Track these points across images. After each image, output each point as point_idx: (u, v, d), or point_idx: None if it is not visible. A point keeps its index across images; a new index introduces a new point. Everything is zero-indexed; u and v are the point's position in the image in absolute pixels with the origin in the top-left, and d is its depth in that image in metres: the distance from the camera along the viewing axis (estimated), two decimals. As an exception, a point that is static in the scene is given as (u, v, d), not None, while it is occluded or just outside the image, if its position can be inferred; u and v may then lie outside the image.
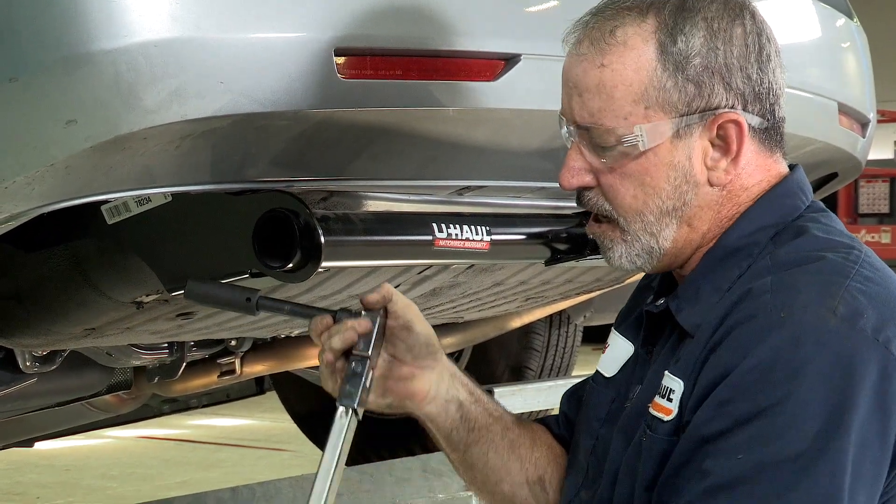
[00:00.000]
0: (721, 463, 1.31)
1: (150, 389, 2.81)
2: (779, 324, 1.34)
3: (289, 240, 1.76)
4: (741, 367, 1.33)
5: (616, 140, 1.44)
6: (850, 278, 1.38)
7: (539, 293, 2.48)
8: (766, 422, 1.31)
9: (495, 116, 1.84)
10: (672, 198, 1.46)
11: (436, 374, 1.62)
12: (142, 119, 1.61)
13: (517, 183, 2.02)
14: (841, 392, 1.31)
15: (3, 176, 1.67)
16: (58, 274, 1.99)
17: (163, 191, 1.77)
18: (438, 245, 1.95)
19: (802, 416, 1.30)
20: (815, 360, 1.32)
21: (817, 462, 1.29)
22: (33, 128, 1.64)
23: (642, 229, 1.47)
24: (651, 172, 1.45)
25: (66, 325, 2.10)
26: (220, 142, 1.71)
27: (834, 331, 1.33)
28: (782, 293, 1.37)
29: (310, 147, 1.78)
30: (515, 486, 1.68)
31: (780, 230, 1.48)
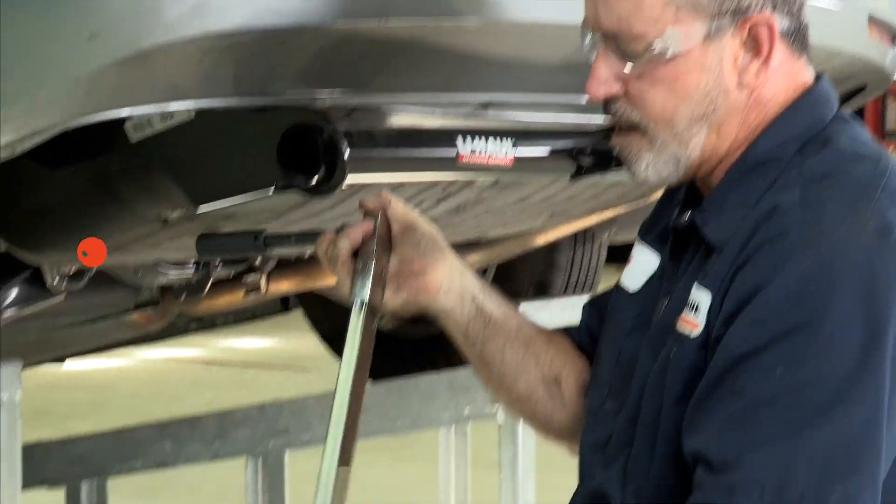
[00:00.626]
0: (757, 380, 1.31)
1: (177, 308, 2.82)
2: (809, 242, 1.33)
3: (313, 155, 1.76)
4: (774, 285, 1.32)
5: (646, 45, 1.41)
6: (879, 190, 1.37)
7: (564, 209, 2.47)
8: (802, 339, 1.30)
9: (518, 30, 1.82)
10: (703, 103, 1.44)
11: (447, 268, 1.62)
12: (164, 33, 1.61)
13: (541, 97, 2.00)
14: (875, 307, 1.30)
15: (25, 90, 1.68)
16: (83, 190, 2.00)
17: (186, 106, 1.77)
18: (462, 160, 1.95)
19: (839, 333, 1.29)
20: (848, 277, 1.31)
21: (858, 379, 1.28)
22: (56, 42, 1.65)
23: (671, 137, 1.44)
24: (682, 78, 1.43)
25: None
26: (243, 56, 1.70)
27: (865, 246, 1.32)
28: (811, 209, 1.35)
29: (333, 61, 1.77)
30: (532, 383, 1.68)
31: (806, 141, 1.45)
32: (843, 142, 1.44)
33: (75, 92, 1.68)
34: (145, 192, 1.94)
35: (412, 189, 2.13)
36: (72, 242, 2.13)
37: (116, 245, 2.15)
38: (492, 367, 1.69)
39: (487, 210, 2.33)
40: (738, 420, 1.31)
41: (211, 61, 1.68)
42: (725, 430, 1.32)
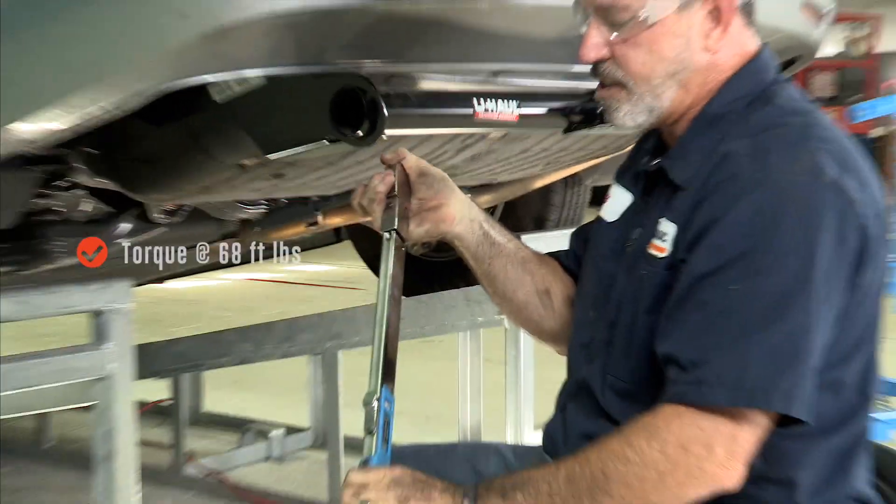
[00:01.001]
0: (716, 295, 1.28)
1: (253, 238, 2.81)
2: (756, 182, 1.30)
3: (358, 112, 1.74)
4: (728, 218, 1.30)
5: (631, 14, 1.39)
6: (810, 139, 1.35)
7: (558, 158, 2.46)
8: (751, 261, 1.28)
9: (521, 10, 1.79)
10: (674, 63, 1.42)
11: (457, 202, 1.63)
12: (240, 13, 1.59)
13: (540, 66, 1.98)
14: (809, 234, 1.28)
15: (130, 59, 1.67)
16: (179, 142, 1.97)
17: (258, 73, 1.74)
18: (478, 117, 1.93)
19: (781, 255, 1.27)
20: (789, 209, 1.29)
21: (796, 291, 1.26)
22: (154, 20, 1.63)
23: (648, 90, 1.42)
24: (658, 41, 1.40)
25: (186, 183, 2.09)
26: (302, 31, 1.67)
27: (802, 184, 1.30)
28: (757, 155, 1.33)
29: (374, 36, 1.74)
30: (528, 294, 1.67)
31: (753, 99, 1.43)
32: (782, 100, 1.43)
33: (170, 61, 1.67)
34: (226, 143, 1.92)
35: (438, 141, 2.11)
36: (170, 185, 2.12)
37: (205, 187, 2.13)
38: (496, 281, 1.68)
39: (497, 159, 2.31)
40: (702, 328, 1.29)
41: (277, 35, 1.66)
42: (692, 336, 1.30)
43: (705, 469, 1.26)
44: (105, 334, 2.12)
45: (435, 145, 2.11)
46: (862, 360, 1.39)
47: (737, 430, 1.27)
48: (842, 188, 1.31)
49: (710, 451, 1.26)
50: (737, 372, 1.26)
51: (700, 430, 1.27)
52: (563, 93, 2.05)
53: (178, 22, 1.60)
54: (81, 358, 2.11)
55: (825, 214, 1.29)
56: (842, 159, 1.34)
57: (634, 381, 1.43)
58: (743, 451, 1.28)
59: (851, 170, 1.34)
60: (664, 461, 1.27)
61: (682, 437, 1.27)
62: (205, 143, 1.94)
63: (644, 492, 1.28)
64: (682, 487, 1.28)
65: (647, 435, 1.28)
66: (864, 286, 1.34)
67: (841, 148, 1.36)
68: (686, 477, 1.27)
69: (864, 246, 1.32)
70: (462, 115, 1.94)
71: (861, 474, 1.44)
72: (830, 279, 1.29)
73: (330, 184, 2.28)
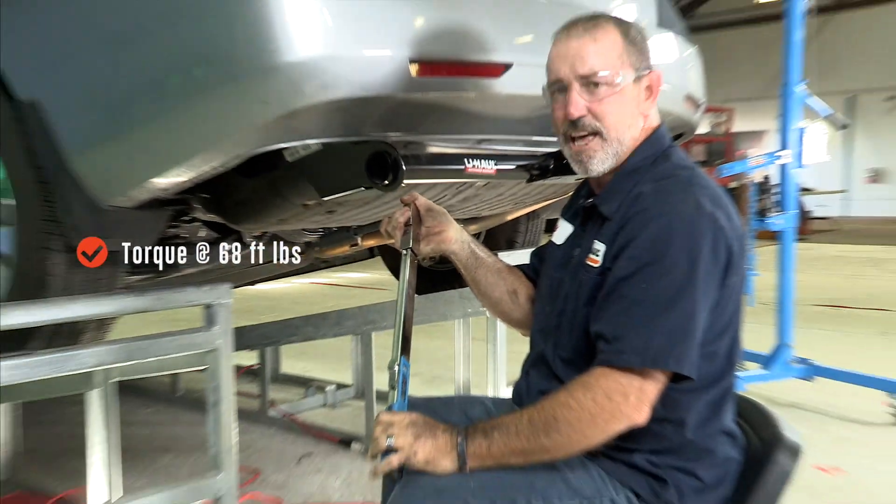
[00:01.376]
0: (632, 290, 1.28)
1: (313, 254, 2.79)
2: (659, 212, 1.30)
3: (385, 168, 1.72)
4: (640, 238, 1.30)
5: (608, 80, 1.38)
6: (694, 185, 1.35)
7: (522, 199, 2.44)
8: (656, 266, 1.28)
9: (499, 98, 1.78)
10: (631, 117, 1.42)
11: (453, 229, 1.63)
12: (304, 100, 1.58)
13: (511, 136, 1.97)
14: (694, 247, 1.28)
15: (231, 133, 1.65)
16: (263, 189, 1.95)
17: (316, 141, 1.73)
18: (468, 171, 1.92)
19: (675, 263, 1.27)
20: (679, 231, 1.29)
21: (685, 287, 1.27)
22: (247, 107, 1.61)
23: (616, 137, 1.41)
24: (623, 102, 1.40)
25: (267, 217, 2.06)
26: (347, 113, 1.66)
27: (688, 215, 1.30)
28: (659, 195, 1.33)
29: (396, 115, 1.73)
30: (502, 294, 1.65)
31: (656, 158, 1.43)
32: (675, 159, 1.43)
33: (257, 134, 1.65)
34: (295, 190, 1.89)
35: (440, 187, 2.09)
36: (257, 218, 2.09)
37: (281, 219, 2.09)
38: (480, 284, 1.67)
39: (481, 200, 2.29)
40: (621, 313, 1.29)
41: (329, 116, 1.65)
42: (614, 319, 1.30)
43: (623, 411, 1.26)
44: (213, 320, 2.10)
45: (438, 190, 2.09)
46: (729, 337, 1.38)
47: (644, 384, 1.27)
48: (715, 218, 1.31)
49: (626, 398, 1.26)
50: (644, 343, 1.26)
51: (619, 384, 1.26)
52: (526, 155, 2.03)
53: (262, 108, 1.58)
54: (198, 336, 2.10)
55: (704, 236, 1.29)
56: (714, 199, 1.33)
57: (575, 353, 1.41)
58: (648, 398, 1.28)
59: (721, 207, 1.33)
60: (594, 406, 1.26)
61: (607, 389, 1.26)
62: (280, 189, 1.92)
63: (581, 428, 1.27)
64: (607, 424, 1.27)
65: (583, 389, 1.28)
66: (729, 287, 1.34)
67: (714, 192, 1.36)
68: (610, 416, 1.27)
69: (730, 259, 1.32)
70: (457, 169, 1.93)
71: (729, 415, 1.43)
72: (707, 280, 1.29)
73: (365, 217, 2.26)
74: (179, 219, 2.22)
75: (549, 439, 1.29)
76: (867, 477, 3.00)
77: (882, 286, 8.04)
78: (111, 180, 1.81)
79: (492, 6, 1.84)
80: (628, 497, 1.36)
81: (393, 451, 1.31)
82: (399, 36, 1.64)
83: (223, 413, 2.11)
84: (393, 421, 1.33)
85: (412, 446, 1.32)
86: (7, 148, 1.95)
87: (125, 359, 1.96)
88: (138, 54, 1.72)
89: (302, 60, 1.54)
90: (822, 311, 6.51)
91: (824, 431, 3.52)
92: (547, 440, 1.29)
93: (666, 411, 1.35)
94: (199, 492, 2.12)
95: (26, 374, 1.78)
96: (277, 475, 3.05)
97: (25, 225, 1.95)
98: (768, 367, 3.95)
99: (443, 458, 1.32)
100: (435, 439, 1.33)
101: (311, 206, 1.94)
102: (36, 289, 1.96)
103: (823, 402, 3.92)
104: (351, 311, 3.30)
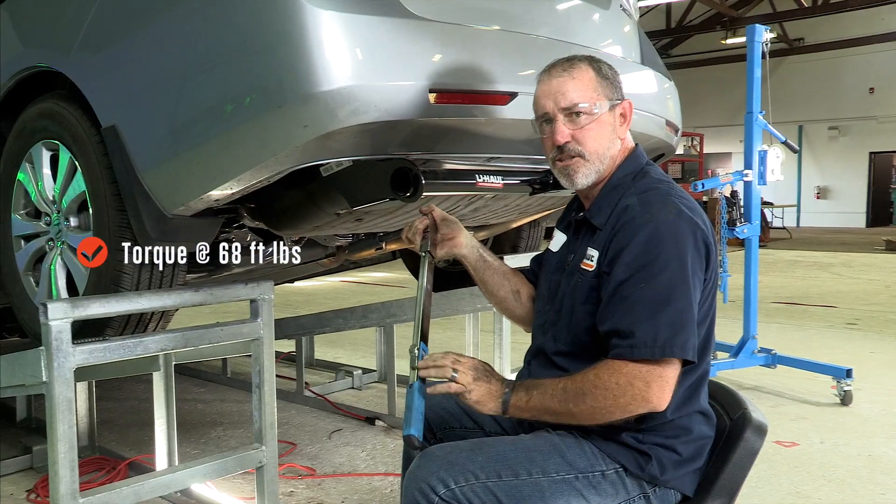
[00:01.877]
0: (633, 291, 1.27)
1: (343, 256, 2.77)
2: (645, 221, 1.30)
3: (407, 182, 1.71)
4: (632, 245, 1.29)
5: (587, 110, 1.39)
6: (671, 196, 1.34)
7: (525, 210, 2.41)
8: (650, 268, 1.27)
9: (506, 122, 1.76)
10: (609, 140, 1.42)
11: (464, 235, 1.62)
12: (338, 123, 1.57)
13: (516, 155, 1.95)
14: (680, 247, 1.28)
15: (275, 152, 1.63)
16: (300, 201, 1.93)
17: (348, 158, 1.71)
18: (478, 185, 1.91)
19: (666, 263, 1.27)
20: (666, 235, 1.28)
21: (678, 285, 1.27)
22: (289, 130, 1.59)
23: (596, 158, 1.41)
24: (601, 127, 1.41)
25: (305, 225, 2.03)
26: (374, 135, 1.64)
27: (671, 220, 1.29)
28: (644, 206, 1.33)
29: (416, 137, 1.71)
30: (506, 293, 1.64)
31: (636, 174, 1.42)
32: (653, 174, 1.42)
33: (297, 153, 1.63)
34: (329, 200, 1.87)
35: (454, 199, 2.06)
36: (296, 225, 2.06)
37: (316, 227, 2.07)
38: (487, 285, 1.65)
39: (489, 210, 2.26)
40: (628, 312, 1.28)
41: (359, 137, 1.63)
42: (622, 318, 1.28)
43: (645, 397, 1.26)
44: (257, 313, 2.09)
45: (452, 202, 2.08)
46: (705, 328, 1.36)
47: (664, 371, 1.26)
48: (693, 221, 1.31)
49: (648, 385, 1.25)
50: (653, 337, 1.25)
51: (640, 372, 1.25)
52: (529, 171, 2.01)
53: (302, 130, 1.57)
54: (244, 327, 2.09)
55: (687, 237, 1.29)
56: (690, 207, 1.33)
57: (573, 345, 1.40)
58: (669, 385, 1.27)
59: (696, 213, 1.33)
60: (618, 388, 1.26)
61: (629, 376, 1.26)
62: (316, 200, 1.90)
63: (606, 404, 1.27)
64: (628, 405, 1.27)
65: (609, 373, 1.27)
66: (707, 282, 1.33)
67: (689, 202, 1.36)
68: (631, 399, 1.26)
69: (707, 255, 1.32)
70: (469, 184, 1.91)
71: (704, 397, 1.42)
72: (695, 275, 1.29)
73: (389, 224, 2.25)
74: (231, 225, 2.21)
75: (576, 407, 1.29)
76: (819, 450, 2.97)
77: (829, 286, 7.97)
78: (175, 192, 1.81)
79: (499, 43, 1.84)
80: (617, 470, 1.35)
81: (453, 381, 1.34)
82: (420, 68, 1.63)
83: (266, 393, 2.09)
84: (461, 360, 1.36)
85: (470, 385, 1.34)
86: (91, 166, 1.96)
87: (183, 345, 1.96)
88: (199, 86, 1.72)
89: (337, 89, 1.53)
90: (779, 308, 6.46)
91: (782, 411, 3.49)
92: (574, 408, 1.29)
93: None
94: (246, 461, 2.11)
95: (102, 357, 1.79)
96: (311, 447, 3.03)
97: (101, 231, 1.95)
98: (736, 356, 3.92)
99: (490, 401, 1.34)
100: (489, 385, 1.35)
101: (342, 214, 1.92)
102: (110, 285, 1.96)
103: (781, 386, 3.88)
104: (375, 306, 3.28)
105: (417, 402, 1.31)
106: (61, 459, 1.70)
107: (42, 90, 2.15)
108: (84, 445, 2.74)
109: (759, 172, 3.94)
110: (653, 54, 2.41)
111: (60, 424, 1.70)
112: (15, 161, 2.21)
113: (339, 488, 2.60)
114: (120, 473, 2.66)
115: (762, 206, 4.23)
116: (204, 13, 1.71)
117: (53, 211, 2.12)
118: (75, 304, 1.73)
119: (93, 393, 2.81)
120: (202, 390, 3.96)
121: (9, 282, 2.28)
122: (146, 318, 2.11)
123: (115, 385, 3.87)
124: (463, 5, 1.82)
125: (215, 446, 3.08)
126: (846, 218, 18.48)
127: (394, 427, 3.23)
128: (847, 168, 18.71)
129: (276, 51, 1.58)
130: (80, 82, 1.94)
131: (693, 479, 1.38)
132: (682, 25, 17.48)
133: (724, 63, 18.57)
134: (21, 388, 1.99)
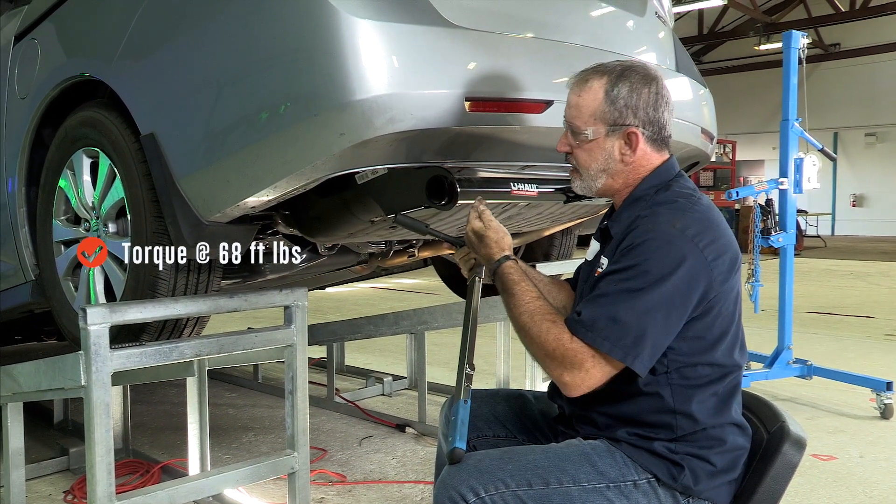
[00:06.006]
0: (604, 284, 1.32)
1: (376, 263, 2.78)
2: (645, 231, 1.32)
3: (442, 190, 1.71)
4: (628, 251, 1.32)
5: (580, 132, 1.42)
6: (687, 212, 1.34)
7: (559, 218, 2.39)
8: (629, 271, 1.29)
9: (541, 130, 1.75)
10: (601, 164, 1.43)
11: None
12: (374, 132, 1.57)
13: (551, 163, 1.93)
14: (671, 265, 1.28)
15: (311, 160, 1.63)
16: (335, 208, 1.94)
17: (383, 166, 1.72)
18: (513, 193, 1.91)
19: (651, 270, 1.28)
20: (661, 248, 1.29)
21: (650, 289, 1.27)
22: (325, 138, 1.60)
23: (588, 176, 1.45)
24: (594, 150, 1.43)
25: (339, 231, 2.04)
26: (410, 143, 1.64)
27: (670, 235, 1.30)
28: (652, 219, 1.34)
29: (452, 145, 1.71)
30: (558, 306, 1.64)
31: (659, 188, 1.42)
32: (677, 187, 1.41)
33: (333, 161, 1.64)
34: (364, 208, 1.87)
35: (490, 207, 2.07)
36: (330, 232, 2.07)
37: (350, 233, 2.08)
38: None
39: (524, 218, 2.25)
40: (591, 300, 1.33)
41: (395, 145, 1.63)
42: (585, 303, 1.33)
43: (561, 374, 1.31)
44: (291, 319, 2.11)
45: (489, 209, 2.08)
46: (727, 344, 1.36)
47: (591, 364, 1.29)
48: (696, 243, 1.30)
49: (570, 367, 1.30)
50: (591, 320, 1.29)
51: (576, 350, 1.29)
52: (563, 179, 2.00)
53: (339, 138, 1.57)
54: (278, 333, 2.10)
55: (683, 258, 1.28)
56: (703, 223, 1.33)
57: None
58: (590, 377, 1.30)
59: (707, 230, 1.32)
60: (560, 347, 1.31)
61: (562, 348, 1.31)
62: (351, 207, 1.91)
63: (544, 350, 1.33)
64: (551, 371, 1.32)
65: (555, 334, 1.31)
66: (713, 306, 1.32)
67: (704, 217, 1.35)
68: (554, 368, 1.31)
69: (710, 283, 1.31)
70: (504, 191, 1.92)
71: (737, 409, 1.40)
72: (675, 297, 1.28)
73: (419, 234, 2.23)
74: (266, 232, 2.23)
75: (525, 335, 1.37)
76: (859, 465, 2.90)
77: (865, 296, 7.81)
78: (211, 199, 1.82)
79: (534, 51, 1.83)
80: (649, 480, 1.34)
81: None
82: (455, 77, 1.64)
83: (299, 400, 2.10)
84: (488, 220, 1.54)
85: (490, 222, 1.54)
86: (129, 173, 1.99)
87: (218, 350, 1.98)
88: (235, 95, 1.74)
89: (373, 98, 1.54)
90: (814, 318, 6.34)
91: (819, 424, 3.42)
92: (523, 333, 1.37)
93: (676, 405, 1.34)
94: (278, 467, 2.12)
95: (139, 362, 1.81)
96: (341, 454, 3.04)
97: (139, 237, 1.98)
98: (770, 366, 3.85)
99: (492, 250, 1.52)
100: (502, 237, 1.53)
101: (376, 221, 1.93)
102: (147, 290, 1.99)
103: (817, 398, 3.81)
104: (406, 313, 3.28)
105: (464, 415, 1.35)
106: (98, 462, 1.73)
107: (84, 99, 2.20)
108: (118, 448, 2.78)
109: (795, 180, 3.88)
110: (687, 61, 2.39)
111: (98, 428, 1.72)
112: (57, 168, 2.26)
113: (369, 495, 2.60)
114: (153, 477, 2.70)
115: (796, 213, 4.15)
116: (243, 23, 1.72)
117: (93, 217, 2.16)
118: (113, 310, 1.76)
119: (127, 396, 2.85)
120: (234, 395, 4.00)
121: (49, 286, 2.33)
122: (182, 323, 2.14)
123: (148, 389, 3.93)
124: (498, 13, 1.81)
125: (246, 451, 3.10)
126: (883, 226, 18.12)
127: (424, 434, 3.22)
128: (884, 175, 18.36)
129: (312, 59, 1.59)
130: (120, 91, 1.97)
131: (728, 490, 1.36)
132: (714, 31, 17.31)
133: (756, 69, 18.37)
134: (60, 392, 2.03)
